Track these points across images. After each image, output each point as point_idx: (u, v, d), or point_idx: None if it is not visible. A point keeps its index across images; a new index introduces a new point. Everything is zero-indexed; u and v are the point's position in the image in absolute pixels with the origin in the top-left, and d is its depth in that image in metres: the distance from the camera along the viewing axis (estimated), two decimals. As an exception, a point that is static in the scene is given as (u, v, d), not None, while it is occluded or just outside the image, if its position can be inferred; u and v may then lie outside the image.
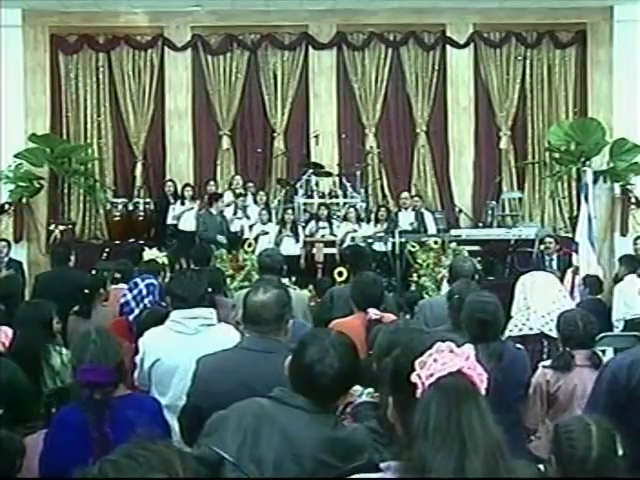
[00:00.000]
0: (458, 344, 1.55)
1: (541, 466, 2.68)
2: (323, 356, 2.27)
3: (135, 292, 5.38)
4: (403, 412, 1.60)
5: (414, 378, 1.52)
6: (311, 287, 8.78)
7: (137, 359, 3.68)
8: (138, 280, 5.52)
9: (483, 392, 1.51)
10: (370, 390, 2.93)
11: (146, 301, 5.32)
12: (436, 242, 9.73)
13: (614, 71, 12.02)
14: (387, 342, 2.53)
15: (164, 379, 3.55)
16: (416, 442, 1.48)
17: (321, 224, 10.61)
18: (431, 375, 1.51)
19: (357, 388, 3.07)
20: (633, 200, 11.74)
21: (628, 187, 11.77)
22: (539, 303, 4.77)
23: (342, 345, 2.36)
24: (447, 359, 1.52)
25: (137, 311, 5.15)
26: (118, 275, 6.26)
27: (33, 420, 3.56)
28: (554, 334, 4.53)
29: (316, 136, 12.09)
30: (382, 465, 1.64)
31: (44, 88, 12.19)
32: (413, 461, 1.48)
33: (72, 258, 7.24)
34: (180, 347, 3.50)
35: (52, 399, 3.35)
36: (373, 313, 4.06)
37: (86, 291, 5.66)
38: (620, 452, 2.42)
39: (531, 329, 4.73)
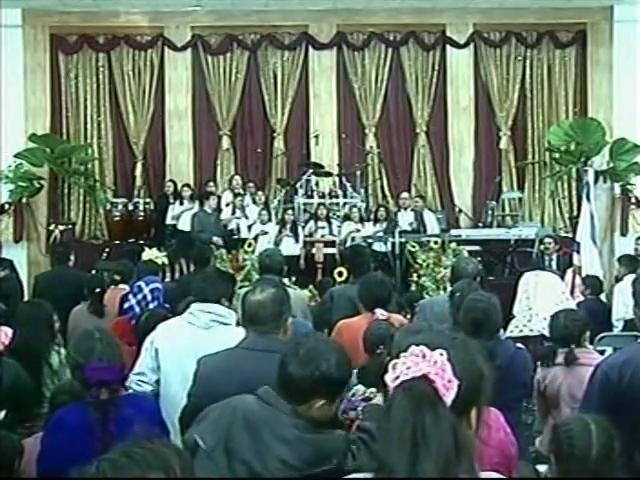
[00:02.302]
0: (432, 347, 1.55)
1: (543, 468, 2.67)
2: (296, 353, 2.31)
3: (139, 297, 5.31)
4: None
5: (386, 379, 1.54)
6: (311, 287, 8.78)
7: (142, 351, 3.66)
8: (142, 284, 5.45)
9: (449, 399, 1.51)
10: (373, 390, 2.93)
11: (151, 306, 5.25)
12: (436, 242, 9.73)
13: (614, 71, 12.02)
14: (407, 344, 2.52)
15: (167, 366, 3.54)
16: (379, 443, 1.53)
17: (320, 224, 10.61)
18: (397, 378, 1.52)
19: (359, 388, 3.08)
20: (633, 200, 11.73)
21: (628, 187, 11.75)
22: (542, 305, 4.77)
23: (327, 348, 2.37)
24: (413, 363, 1.53)
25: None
26: (117, 277, 6.24)
27: (32, 420, 3.56)
28: None
29: (316, 136, 12.09)
30: None
31: (44, 88, 12.18)
32: (376, 461, 1.54)
33: (72, 258, 7.24)
34: (188, 337, 3.52)
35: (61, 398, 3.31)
36: (380, 313, 4.05)
37: (97, 290, 5.65)
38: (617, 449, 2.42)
39: (532, 330, 4.74)
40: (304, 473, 2.17)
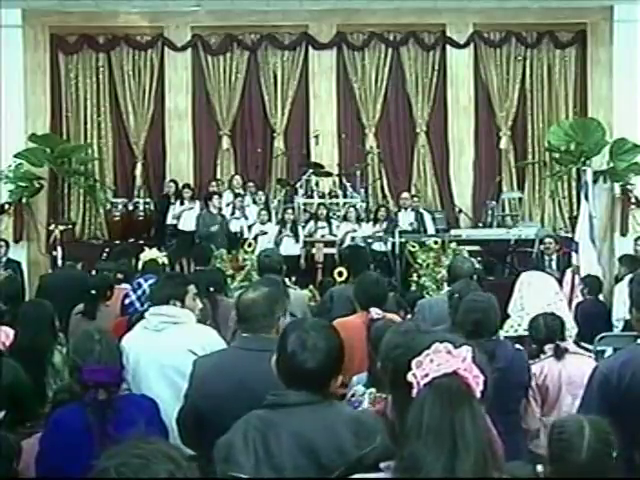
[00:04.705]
0: (456, 345, 1.55)
1: (540, 467, 2.68)
2: (304, 340, 2.26)
3: (139, 292, 5.35)
4: (401, 411, 1.60)
5: (410, 377, 1.53)
6: (311, 287, 8.79)
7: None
8: (141, 280, 5.51)
9: (478, 395, 1.52)
10: (372, 390, 2.93)
11: (150, 301, 5.31)
12: (436, 242, 9.74)
13: (614, 71, 12.02)
14: (395, 342, 2.53)
15: (131, 370, 3.56)
16: (409, 441, 1.49)
17: (320, 224, 10.61)
18: (426, 375, 1.51)
19: (358, 388, 3.08)
20: (633, 200, 11.73)
21: (628, 187, 11.76)
22: (533, 305, 4.78)
23: (321, 327, 2.37)
24: (443, 360, 1.52)
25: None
26: (120, 276, 6.26)
27: (34, 420, 3.56)
28: None
29: (316, 136, 12.09)
30: (382, 465, 1.65)
31: (44, 88, 12.19)
32: (405, 460, 1.50)
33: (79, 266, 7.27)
34: (142, 342, 3.55)
35: (61, 397, 3.30)
36: (375, 313, 4.06)
37: (92, 292, 5.65)
38: (614, 454, 2.41)
39: (526, 330, 4.76)
40: (357, 456, 2.06)
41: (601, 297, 7.69)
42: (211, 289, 5.42)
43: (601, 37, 12.22)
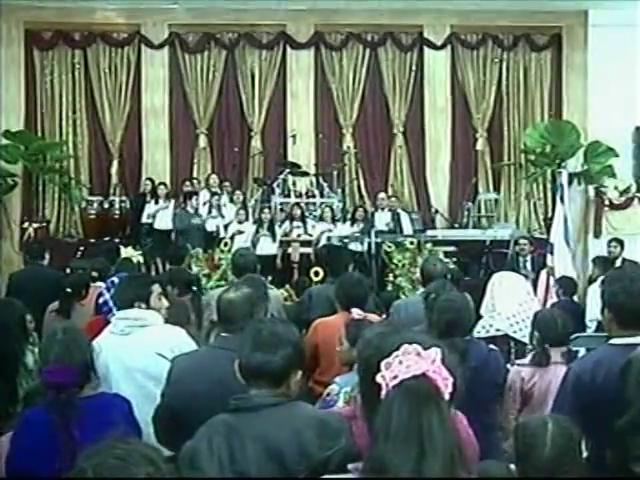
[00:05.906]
0: (425, 346, 1.55)
1: (513, 466, 2.69)
2: (261, 333, 2.29)
3: (113, 291, 5.31)
4: (370, 412, 1.60)
5: (379, 379, 1.52)
6: (287, 286, 8.79)
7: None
8: (115, 279, 5.47)
9: (447, 397, 1.52)
10: (347, 389, 2.93)
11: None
12: (412, 242, 9.77)
13: (588, 74, 12.14)
14: (367, 343, 2.53)
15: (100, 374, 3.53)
16: (377, 442, 1.49)
17: (295, 223, 10.59)
18: (395, 377, 1.51)
19: (333, 387, 3.08)
20: (606, 202, 11.85)
21: (602, 189, 11.88)
22: (505, 305, 4.80)
23: (280, 323, 2.42)
24: (412, 362, 1.52)
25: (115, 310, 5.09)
26: (95, 274, 6.21)
27: (5, 420, 3.52)
28: (518, 336, 4.59)
29: (293, 136, 12.09)
30: (350, 466, 1.65)
31: (18, 84, 12.05)
32: (373, 461, 1.50)
33: (47, 256, 7.16)
34: (110, 346, 3.50)
35: (30, 398, 3.27)
36: (356, 313, 4.06)
37: (68, 290, 5.59)
38: (585, 453, 2.42)
39: (498, 330, 4.77)
40: (321, 458, 2.05)
41: (575, 298, 7.75)
42: (194, 288, 5.40)
43: (576, 41, 12.34)
